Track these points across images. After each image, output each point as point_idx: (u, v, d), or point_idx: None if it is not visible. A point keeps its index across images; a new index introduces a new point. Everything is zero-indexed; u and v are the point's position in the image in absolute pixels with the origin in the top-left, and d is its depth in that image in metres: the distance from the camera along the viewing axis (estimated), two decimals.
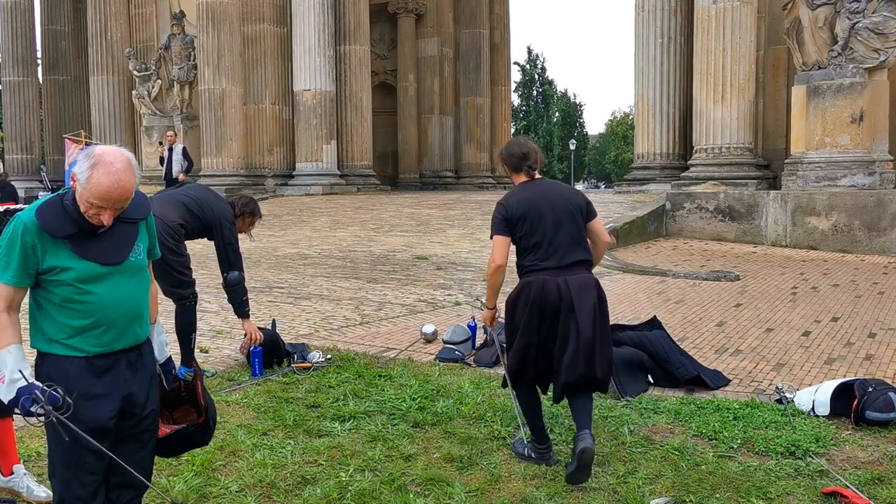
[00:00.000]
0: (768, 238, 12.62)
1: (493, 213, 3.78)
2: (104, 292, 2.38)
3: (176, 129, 19.66)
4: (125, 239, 2.44)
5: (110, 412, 2.40)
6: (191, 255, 5.41)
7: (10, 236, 2.33)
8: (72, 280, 2.34)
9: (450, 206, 15.80)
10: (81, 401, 2.34)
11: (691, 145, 14.25)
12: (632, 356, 5.02)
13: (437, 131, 24.82)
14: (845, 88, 12.02)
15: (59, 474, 2.41)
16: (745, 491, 3.41)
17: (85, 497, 2.40)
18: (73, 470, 2.38)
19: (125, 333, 2.44)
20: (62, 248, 2.34)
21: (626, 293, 8.46)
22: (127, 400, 2.45)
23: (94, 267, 2.36)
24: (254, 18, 19.38)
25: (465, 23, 24.81)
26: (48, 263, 2.33)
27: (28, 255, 2.31)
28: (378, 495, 3.40)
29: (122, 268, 2.43)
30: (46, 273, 2.34)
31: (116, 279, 2.41)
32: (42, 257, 2.33)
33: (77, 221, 2.34)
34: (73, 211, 2.34)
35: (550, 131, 61.53)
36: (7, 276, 2.32)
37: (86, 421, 2.35)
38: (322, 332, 6.72)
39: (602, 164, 68.08)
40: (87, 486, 2.39)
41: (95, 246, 2.37)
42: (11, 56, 24.42)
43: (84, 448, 2.35)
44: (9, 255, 2.32)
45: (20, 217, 2.36)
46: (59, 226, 2.33)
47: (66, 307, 2.35)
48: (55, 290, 2.35)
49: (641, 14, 15.27)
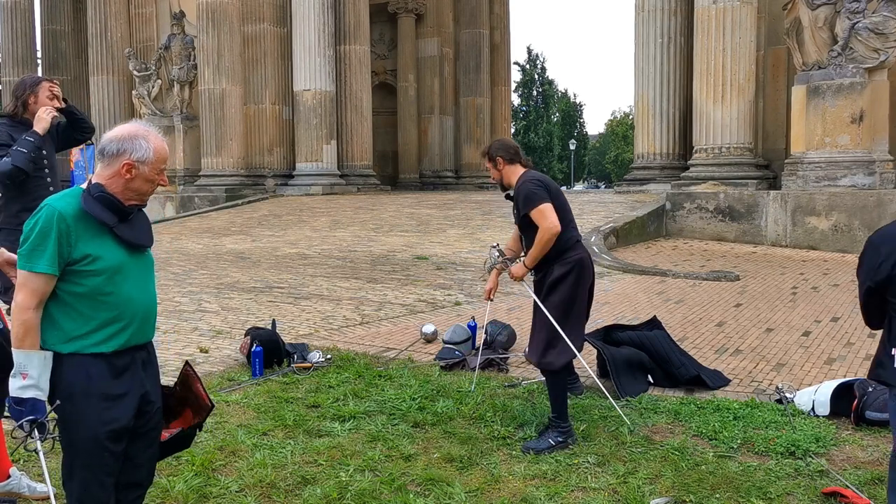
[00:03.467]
0: (768, 238, 12.62)
1: (526, 188, 4.03)
2: (130, 284, 2.42)
3: (176, 129, 19.69)
4: (148, 225, 2.58)
5: (131, 411, 2.41)
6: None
7: (44, 224, 2.32)
8: (105, 269, 2.35)
9: (450, 206, 15.80)
10: (104, 401, 2.35)
11: (691, 145, 14.25)
12: (632, 356, 5.02)
13: (437, 131, 24.81)
14: (845, 88, 12.01)
15: (77, 477, 2.39)
16: (745, 491, 3.41)
17: (104, 499, 2.41)
18: (94, 472, 2.38)
19: (141, 329, 2.47)
20: (104, 236, 2.37)
21: (626, 293, 8.46)
22: (143, 399, 2.47)
23: (125, 256, 2.41)
24: (254, 18, 19.37)
25: (465, 23, 24.80)
26: (81, 252, 2.33)
27: (62, 242, 2.31)
28: (378, 495, 3.40)
29: (144, 260, 2.51)
30: (77, 263, 2.33)
31: (139, 272, 2.47)
32: (74, 246, 2.32)
33: (117, 209, 2.40)
34: (110, 200, 2.39)
35: (550, 131, 61.53)
36: (43, 265, 2.30)
37: (108, 422, 2.35)
38: (322, 332, 6.72)
39: (602, 164, 68.04)
40: (105, 487, 2.41)
41: (133, 231, 2.46)
42: (11, 56, 24.41)
43: (104, 450, 2.36)
44: (44, 242, 2.30)
45: (51, 205, 2.35)
46: (107, 215, 2.38)
47: (93, 298, 2.35)
48: (84, 280, 2.34)
49: (641, 14, 15.26)
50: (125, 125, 2.48)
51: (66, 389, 2.34)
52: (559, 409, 4.02)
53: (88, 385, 2.33)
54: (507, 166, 4.18)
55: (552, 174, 59.04)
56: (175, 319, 7.17)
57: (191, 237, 13.93)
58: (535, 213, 3.99)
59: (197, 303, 7.99)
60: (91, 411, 2.34)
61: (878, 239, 2.65)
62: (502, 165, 4.18)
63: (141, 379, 2.47)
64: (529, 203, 4.00)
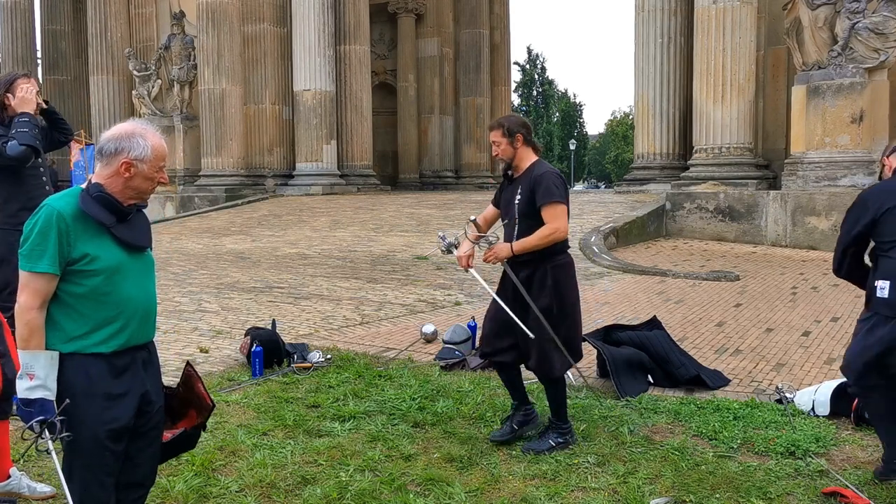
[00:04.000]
0: (768, 238, 12.62)
1: (552, 180, 3.82)
2: (129, 284, 2.42)
3: (176, 129, 19.69)
4: (147, 225, 2.58)
5: (131, 411, 2.42)
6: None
7: (43, 224, 2.32)
8: (103, 269, 2.36)
9: (450, 206, 15.79)
10: (103, 402, 2.36)
11: (691, 145, 14.25)
12: (632, 356, 5.02)
13: (437, 131, 24.81)
14: (845, 88, 12.01)
15: (78, 477, 2.40)
16: (745, 491, 3.41)
17: (104, 499, 2.41)
18: (94, 472, 2.38)
19: (141, 329, 2.47)
20: (102, 236, 2.38)
21: (626, 293, 8.46)
22: (143, 398, 2.47)
23: (123, 256, 2.42)
24: (254, 18, 19.37)
25: (465, 23, 24.80)
26: (79, 251, 2.33)
27: (62, 242, 2.32)
28: (378, 495, 3.40)
29: (144, 260, 2.51)
30: (76, 263, 2.34)
31: (138, 272, 2.47)
32: (73, 245, 2.33)
33: (115, 209, 2.40)
34: (108, 200, 2.39)
35: (550, 131, 61.54)
36: (44, 264, 2.30)
37: (108, 421, 2.36)
38: (322, 332, 6.72)
39: (602, 164, 68.05)
40: (106, 487, 2.41)
41: (132, 231, 2.47)
42: (11, 56, 24.42)
43: (104, 450, 2.36)
44: (44, 242, 2.31)
45: (50, 205, 2.36)
46: (105, 215, 2.38)
47: (93, 298, 2.36)
48: (83, 280, 2.35)
49: (641, 14, 15.27)
50: (123, 124, 2.48)
51: (67, 389, 2.34)
52: (559, 412, 4.00)
53: (89, 385, 2.34)
54: (523, 146, 3.93)
55: None
56: (175, 319, 7.17)
57: (191, 237, 13.93)
58: (552, 208, 3.78)
59: (197, 303, 7.99)
60: (92, 411, 2.34)
61: (867, 195, 3.48)
62: (520, 143, 3.91)
63: (142, 378, 2.47)
64: (550, 196, 3.77)
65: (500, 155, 3.96)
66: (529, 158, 3.95)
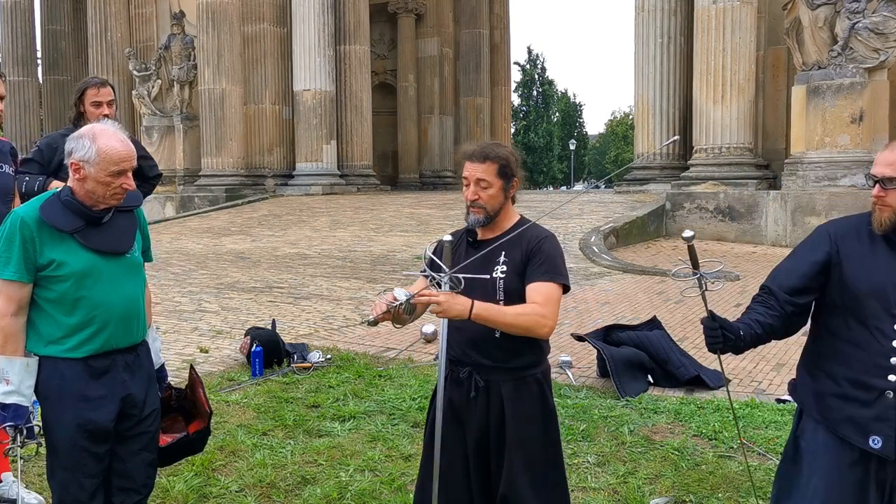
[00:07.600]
0: (768, 238, 12.62)
1: (555, 249, 2.52)
2: (103, 288, 2.38)
3: (176, 129, 19.69)
4: (128, 229, 2.48)
5: (110, 414, 2.40)
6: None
7: (8, 232, 2.33)
8: (71, 274, 2.33)
9: (450, 206, 15.79)
10: (80, 402, 2.35)
11: (691, 145, 14.25)
12: (632, 356, 5.03)
13: (437, 131, 24.81)
14: (845, 88, 12.01)
15: (57, 477, 2.41)
16: (745, 491, 3.41)
17: (83, 499, 2.39)
18: (72, 472, 2.38)
19: (122, 333, 2.43)
20: (67, 241, 2.34)
21: (626, 293, 8.46)
22: (125, 401, 2.44)
23: (95, 260, 2.37)
24: (254, 18, 19.37)
25: (465, 23, 24.81)
26: (46, 258, 2.32)
27: (27, 248, 2.31)
28: (378, 495, 3.40)
29: (123, 263, 2.45)
30: (44, 268, 2.33)
31: (115, 276, 2.42)
32: (40, 251, 2.32)
33: (83, 214, 2.36)
34: (75, 205, 2.35)
35: (550, 131, 61.48)
36: (9, 272, 2.31)
37: (84, 423, 2.35)
38: (322, 332, 6.72)
39: (602, 164, 68.04)
40: (85, 488, 2.39)
41: (103, 236, 2.40)
42: (11, 56, 24.42)
43: (83, 451, 2.36)
44: (8, 250, 2.32)
45: (17, 213, 2.37)
46: (66, 221, 2.34)
47: (64, 303, 2.35)
48: (53, 286, 2.34)
49: (641, 14, 15.26)
50: (88, 125, 2.43)
51: (42, 391, 2.37)
52: None
53: (62, 385, 2.34)
54: (514, 195, 2.59)
55: (552, 174, 59.10)
56: (175, 319, 7.17)
57: (191, 237, 13.93)
58: (550, 289, 2.43)
59: (197, 303, 7.99)
60: (67, 412, 2.35)
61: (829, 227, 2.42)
62: (514, 191, 2.57)
63: (123, 381, 2.44)
64: (554, 274, 2.45)
65: (483, 201, 2.51)
66: (514, 214, 2.60)
